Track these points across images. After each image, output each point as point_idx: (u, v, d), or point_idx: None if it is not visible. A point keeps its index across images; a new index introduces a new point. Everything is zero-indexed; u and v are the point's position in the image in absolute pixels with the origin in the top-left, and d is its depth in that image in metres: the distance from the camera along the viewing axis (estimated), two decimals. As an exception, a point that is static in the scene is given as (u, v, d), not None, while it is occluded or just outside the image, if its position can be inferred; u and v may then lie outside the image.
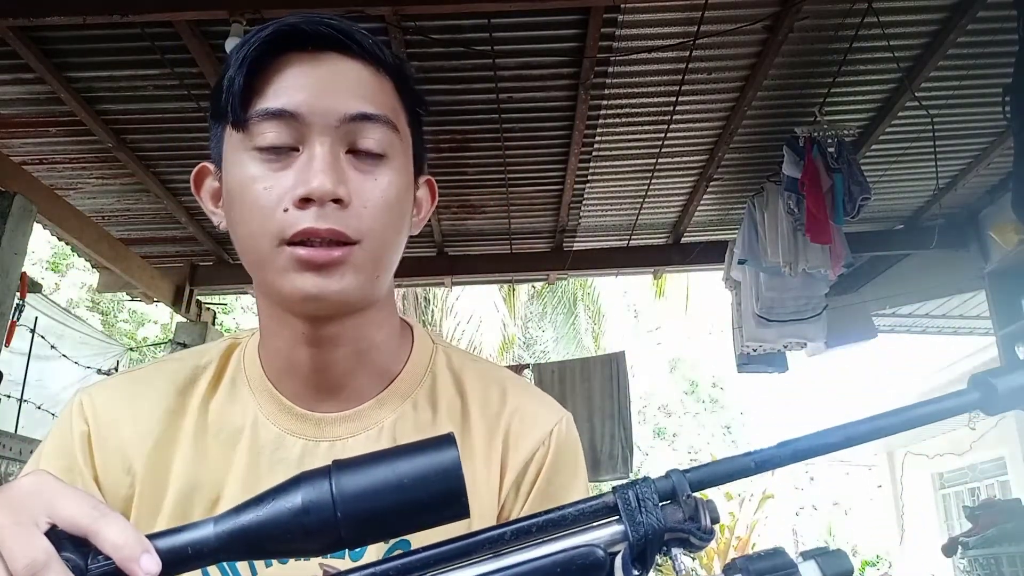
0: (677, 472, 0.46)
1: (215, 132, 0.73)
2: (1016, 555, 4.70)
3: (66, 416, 0.76)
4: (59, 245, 8.37)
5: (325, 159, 0.66)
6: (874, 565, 13.83)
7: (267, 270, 0.68)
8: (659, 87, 3.47)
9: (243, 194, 0.68)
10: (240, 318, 14.18)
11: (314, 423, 0.75)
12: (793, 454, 0.47)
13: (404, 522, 0.46)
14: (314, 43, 0.68)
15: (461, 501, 0.46)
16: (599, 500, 0.47)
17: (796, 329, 4.21)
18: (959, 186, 4.35)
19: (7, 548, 0.42)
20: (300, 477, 0.46)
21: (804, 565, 0.45)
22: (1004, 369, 0.48)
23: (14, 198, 3.39)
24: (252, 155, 0.67)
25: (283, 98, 0.67)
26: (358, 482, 0.45)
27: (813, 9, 3.00)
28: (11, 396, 4.80)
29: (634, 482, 0.46)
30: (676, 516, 0.45)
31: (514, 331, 11.23)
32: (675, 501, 0.46)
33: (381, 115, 0.69)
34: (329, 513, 0.44)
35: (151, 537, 0.44)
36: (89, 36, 3.02)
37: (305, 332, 0.71)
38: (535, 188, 4.31)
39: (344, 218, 0.66)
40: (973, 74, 3.42)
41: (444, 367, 0.82)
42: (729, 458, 0.47)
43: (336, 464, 0.46)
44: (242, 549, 0.45)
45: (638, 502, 0.45)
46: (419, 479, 0.45)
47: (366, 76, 0.70)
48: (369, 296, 0.71)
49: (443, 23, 3.02)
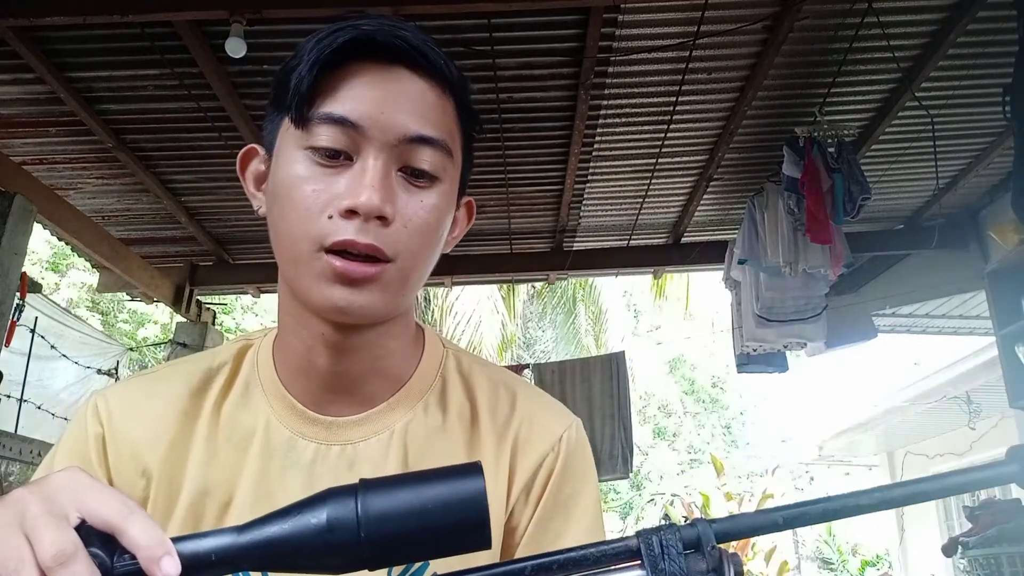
0: (703, 521, 0.46)
1: (272, 118, 0.73)
2: (1016, 555, 4.70)
3: (81, 418, 0.77)
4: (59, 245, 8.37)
5: (377, 175, 0.66)
6: (874, 565, 13.83)
7: (301, 273, 0.69)
8: (659, 87, 3.47)
9: (290, 192, 0.68)
10: (240, 318, 14.18)
11: (326, 426, 0.75)
12: (823, 513, 0.46)
13: (426, 547, 0.46)
14: (385, 55, 0.69)
15: (484, 532, 0.46)
16: (622, 543, 0.46)
17: (796, 329, 4.21)
18: (959, 186, 4.35)
19: (36, 537, 0.43)
20: (327, 493, 0.46)
21: None
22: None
23: (14, 198, 3.40)
24: (306, 154, 0.68)
25: (347, 106, 0.67)
26: (384, 504, 0.45)
27: (813, 9, 3.00)
28: (11, 396, 4.79)
29: (659, 528, 0.46)
30: (699, 567, 0.45)
31: (514, 331, 11.22)
32: (699, 551, 0.45)
33: (440, 139, 0.69)
34: (353, 533, 0.44)
35: (177, 540, 0.45)
36: (89, 36, 3.02)
37: (325, 336, 0.72)
38: (535, 188, 4.31)
39: (384, 235, 0.67)
40: (973, 74, 3.42)
41: (454, 371, 0.82)
42: (757, 512, 0.47)
43: (363, 483, 0.46)
44: (263, 560, 0.45)
45: (662, 549, 0.45)
46: (444, 505, 0.45)
47: (431, 97, 0.70)
48: (394, 311, 0.72)
49: (443, 23, 3.02)
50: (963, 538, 5.23)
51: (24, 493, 0.45)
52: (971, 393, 7.52)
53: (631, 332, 17.40)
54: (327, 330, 0.71)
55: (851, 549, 15.06)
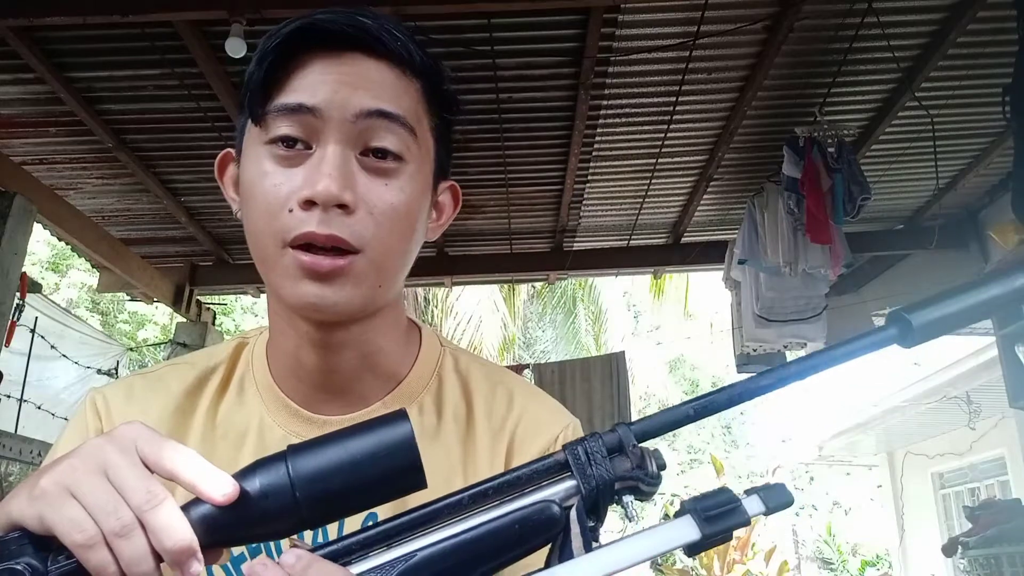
0: (622, 425, 0.48)
1: (240, 122, 0.73)
2: (1016, 555, 4.70)
3: (81, 413, 0.78)
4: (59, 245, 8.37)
5: (335, 161, 0.65)
6: (874, 565, 13.84)
7: (272, 271, 0.68)
8: (659, 87, 3.47)
9: (254, 189, 0.67)
10: (240, 318, 14.18)
11: (319, 426, 0.75)
12: (729, 399, 0.49)
13: (364, 498, 0.47)
14: (338, 42, 0.67)
15: (418, 474, 0.47)
16: (550, 458, 0.48)
17: (796, 329, 4.21)
18: (959, 186, 4.35)
19: (120, 482, 0.45)
20: (256, 464, 0.47)
21: (748, 500, 0.47)
22: (919, 304, 0.49)
23: (14, 198, 3.40)
24: (267, 149, 0.67)
25: (300, 94, 0.66)
26: (314, 463, 0.46)
27: (813, 9, 3.00)
28: (11, 396, 4.79)
29: (583, 438, 0.48)
30: (624, 466, 0.47)
31: (514, 331, 11.21)
32: (622, 452, 0.48)
33: (399, 115, 0.67)
34: (288, 496, 0.46)
35: None
36: (89, 36, 3.02)
37: (309, 334, 0.71)
38: (535, 188, 4.31)
39: (348, 225, 0.65)
40: (973, 74, 3.42)
41: (451, 370, 0.81)
42: (670, 408, 0.49)
43: (291, 448, 0.47)
44: (211, 537, 0.46)
45: (587, 456, 0.47)
46: (374, 455, 0.47)
47: (389, 77, 0.68)
48: (372, 305, 0.70)
49: (443, 23, 3.02)
50: (963, 538, 5.23)
51: (101, 442, 0.47)
52: (971, 393, 7.52)
53: (631, 332, 17.38)
54: (309, 328, 0.70)
55: (851, 549, 15.07)
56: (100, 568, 0.44)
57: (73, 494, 0.45)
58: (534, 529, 0.47)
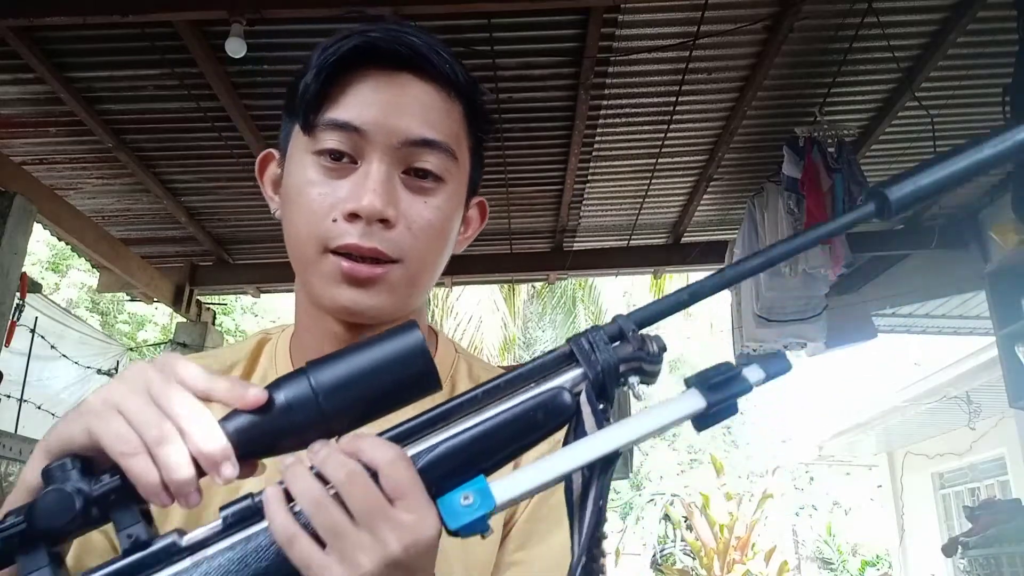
0: (621, 316, 0.51)
1: (285, 124, 0.77)
2: (1016, 555, 4.70)
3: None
4: (59, 245, 8.37)
5: (380, 178, 0.69)
6: (874, 565, 13.83)
7: (311, 273, 0.72)
8: (659, 87, 3.47)
9: (299, 195, 0.71)
10: (240, 318, 14.18)
11: None
12: (716, 284, 0.52)
13: (384, 402, 0.50)
14: (389, 61, 0.71)
15: (431, 376, 0.50)
16: (555, 352, 0.51)
17: (796, 329, 4.21)
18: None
19: (160, 399, 0.49)
20: (278, 381, 0.50)
21: (748, 368, 0.50)
22: (896, 179, 0.52)
23: (14, 198, 3.39)
24: (313, 159, 0.71)
25: (351, 112, 0.70)
26: (334, 375, 0.49)
27: (813, 9, 3.00)
28: (11, 396, 4.80)
29: (585, 331, 0.51)
30: (626, 350, 0.50)
31: (514, 331, 11.21)
32: (624, 339, 0.50)
33: (442, 142, 0.72)
34: (313, 407, 0.48)
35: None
36: (89, 36, 3.02)
37: (337, 335, 0.75)
38: (535, 188, 4.31)
39: (388, 238, 0.69)
40: (973, 74, 3.42)
41: (464, 375, 0.84)
42: (665, 296, 0.52)
43: (309, 364, 0.50)
44: (241, 450, 0.49)
45: (590, 345, 0.50)
46: (389, 361, 0.50)
47: (436, 101, 0.72)
48: (401, 311, 0.74)
49: (443, 23, 3.02)
50: (963, 538, 5.24)
51: (143, 366, 0.52)
52: (971, 393, 7.52)
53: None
54: (339, 329, 0.74)
55: (851, 549, 15.06)
56: (143, 475, 0.47)
57: (119, 410, 0.49)
58: (548, 414, 0.49)
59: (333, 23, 2.92)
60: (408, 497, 0.46)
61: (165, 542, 0.47)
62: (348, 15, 2.80)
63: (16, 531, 0.46)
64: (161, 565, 0.46)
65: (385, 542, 0.45)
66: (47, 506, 0.46)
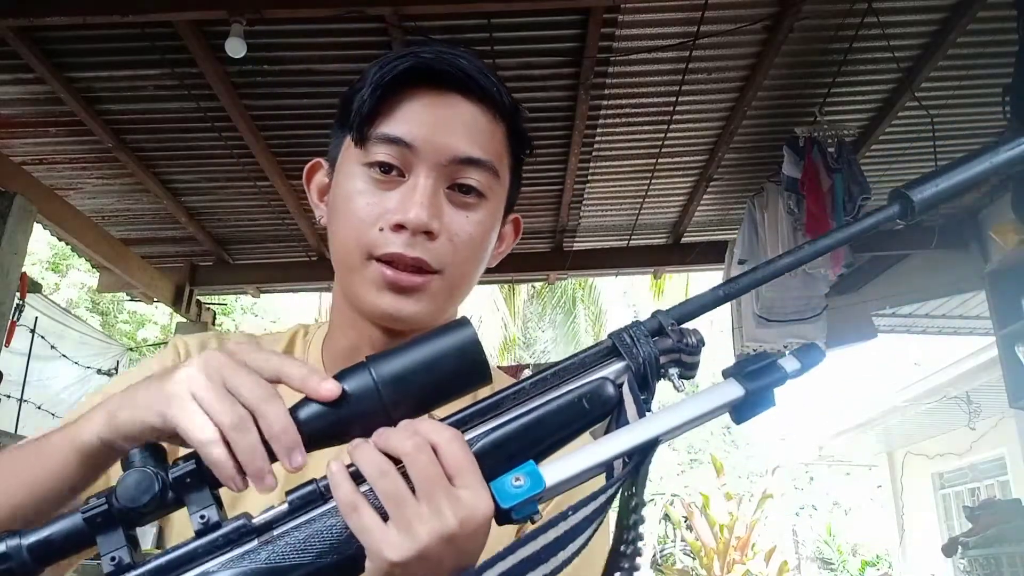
0: (660, 311, 0.54)
1: (336, 135, 0.81)
2: (1016, 555, 4.71)
3: (163, 352, 0.88)
4: (59, 245, 8.36)
5: (426, 192, 0.73)
6: (874, 565, 13.84)
7: (354, 279, 0.76)
8: (659, 87, 3.47)
9: (347, 204, 0.75)
10: (240, 318, 14.17)
11: None
12: (752, 281, 0.55)
13: (440, 394, 0.53)
14: (440, 81, 0.75)
15: (484, 368, 0.53)
16: (598, 346, 0.54)
17: (796, 329, 4.21)
18: (959, 186, 4.34)
19: (235, 386, 0.52)
20: (341, 373, 0.53)
21: (783, 359, 0.52)
22: (918, 182, 0.54)
23: (14, 198, 3.40)
24: (364, 170, 0.75)
25: (403, 127, 0.73)
26: (394, 367, 0.52)
27: (813, 9, 3.00)
28: (11, 396, 4.80)
29: (625, 326, 0.53)
30: (666, 343, 0.53)
31: (514, 331, 11.22)
32: (663, 333, 0.53)
33: (487, 161, 0.76)
34: (375, 398, 0.51)
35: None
36: (89, 36, 3.02)
37: (373, 339, 0.79)
38: (535, 188, 4.31)
39: (431, 249, 0.73)
40: (973, 74, 3.42)
41: None
42: (701, 294, 0.55)
43: (370, 358, 0.53)
44: (307, 439, 0.51)
45: (631, 339, 0.53)
46: (445, 356, 0.53)
47: (482, 121, 0.76)
48: (438, 320, 0.77)
49: (443, 23, 3.02)
50: (963, 538, 5.24)
51: (215, 354, 0.54)
52: (971, 393, 7.52)
53: (631, 332, 17.36)
54: (375, 334, 0.78)
55: (851, 549, 15.07)
56: (219, 462, 0.49)
57: (195, 398, 0.51)
58: (593, 403, 0.52)
59: (333, 23, 2.92)
60: (465, 474, 0.48)
61: (236, 524, 0.49)
62: (348, 15, 2.80)
63: (100, 511, 0.48)
64: (232, 545, 0.49)
65: (443, 515, 0.47)
66: (129, 487, 0.48)
